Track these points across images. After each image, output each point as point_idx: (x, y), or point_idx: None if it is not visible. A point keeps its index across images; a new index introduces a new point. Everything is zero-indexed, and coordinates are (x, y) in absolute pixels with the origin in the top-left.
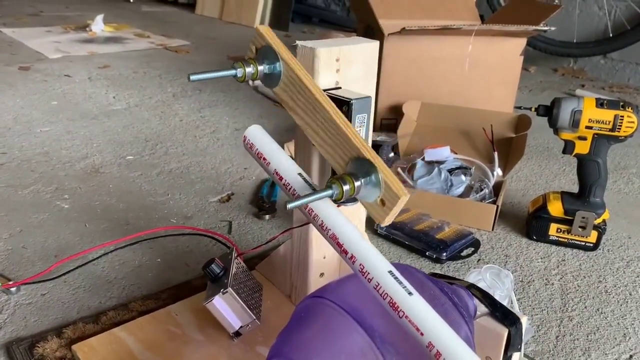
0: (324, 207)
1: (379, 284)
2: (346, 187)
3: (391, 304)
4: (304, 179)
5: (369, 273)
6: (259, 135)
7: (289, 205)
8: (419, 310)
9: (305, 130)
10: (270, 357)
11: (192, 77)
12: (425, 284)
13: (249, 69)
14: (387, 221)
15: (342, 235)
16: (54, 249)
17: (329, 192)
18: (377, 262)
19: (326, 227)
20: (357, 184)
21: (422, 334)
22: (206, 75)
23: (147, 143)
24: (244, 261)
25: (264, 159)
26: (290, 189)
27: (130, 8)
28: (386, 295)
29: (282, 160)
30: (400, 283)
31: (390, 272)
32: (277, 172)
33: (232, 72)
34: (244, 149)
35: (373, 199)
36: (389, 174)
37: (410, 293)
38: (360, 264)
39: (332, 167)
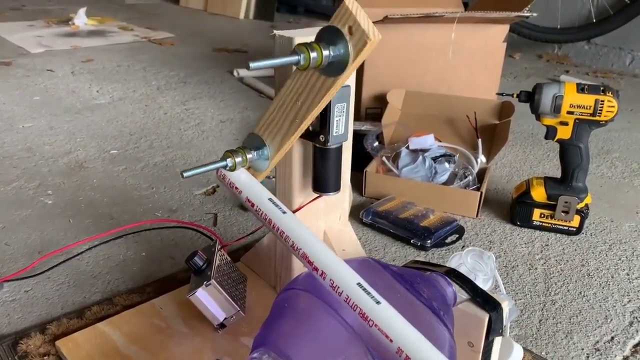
0: (294, 227)
1: (348, 297)
2: (314, 55)
3: (361, 315)
4: (274, 204)
5: (338, 287)
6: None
7: (185, 174)
8: (387, 318)
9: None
10: (255, 347)
11: (252, 65)
12: (394, 287)
13: (314, 55)
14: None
15: (312, 254)
16: (37, 245)
17: (295, 58)
18: (346, 275)
19: (297, 247)
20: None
21: (391, 340)
22: (267, 62)
23: (132, 137)
24: (229, 253)
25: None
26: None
27: (113, 1)
28: (356, 306)
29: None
30: (369, 293)
31: (358, 284)
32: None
33: (295, 58)
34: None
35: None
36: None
37: (378, 302)
38: (330, 279)
39: None
